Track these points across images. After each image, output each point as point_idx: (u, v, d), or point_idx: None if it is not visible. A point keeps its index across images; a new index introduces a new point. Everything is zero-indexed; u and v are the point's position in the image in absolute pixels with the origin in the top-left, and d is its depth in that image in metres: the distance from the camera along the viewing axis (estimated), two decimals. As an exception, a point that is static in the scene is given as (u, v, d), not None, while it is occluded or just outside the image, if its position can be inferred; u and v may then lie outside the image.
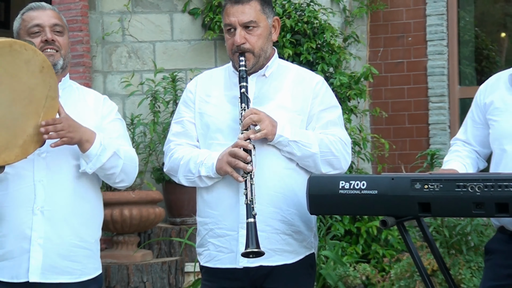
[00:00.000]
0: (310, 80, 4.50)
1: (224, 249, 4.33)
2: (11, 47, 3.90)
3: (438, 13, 9.70)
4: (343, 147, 4.38)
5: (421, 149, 9.19)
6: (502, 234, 4.49)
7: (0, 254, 4.21)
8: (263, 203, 4.22)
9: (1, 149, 3.91)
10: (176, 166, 4.44)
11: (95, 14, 8.89)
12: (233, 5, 4.35)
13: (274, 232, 4.29)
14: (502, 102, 4.48)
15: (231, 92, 4.43)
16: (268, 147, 4.29)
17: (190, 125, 4.51)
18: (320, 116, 4.41)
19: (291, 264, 4.35)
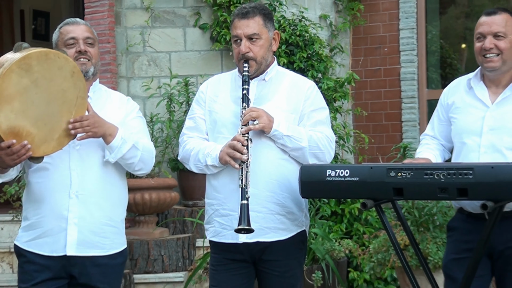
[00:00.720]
0: (303, 85, 4.53)
1: (227, 226, 4.36)
2: (47, 56, 3.94)
3: (409, 27, 9.70)
4: (328, 143, 4.42)
5: (395, 142, 9.17)
6: (461, 214, 4.51)
7: (40, 232, 4.22)
8: (260, 188, 4.26)
9: (40, 142, 3.93)
10: (188, 156, 4.48)
11: (120, 28, 8.90)
12: (240, 20, 4.38)
13: (269, 213, 4.31)
14: (461, 103, 4.51)
15: (236, 93, 4.44)
16: (265, 140, 4.31)
17: (201, 121, 4.54)
18: (310, 115, 4.44)
19: (284, 240, 4.37)
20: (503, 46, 4.28)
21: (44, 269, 4.20)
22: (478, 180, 3.67)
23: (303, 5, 9.20)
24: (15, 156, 3.87)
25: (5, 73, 3.77)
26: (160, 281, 7.48)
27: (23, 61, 3.84)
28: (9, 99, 3.80)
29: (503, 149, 4.29)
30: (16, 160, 3.91)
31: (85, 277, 4.24)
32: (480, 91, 4.46)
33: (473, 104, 4.46)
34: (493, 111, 4.38)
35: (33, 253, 4.24)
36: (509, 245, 4.32)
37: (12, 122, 3.82)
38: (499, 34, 4.29)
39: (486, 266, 4.40)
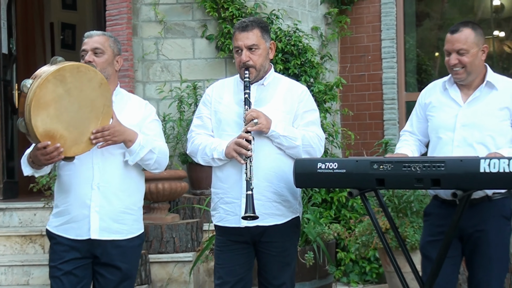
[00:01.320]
0: (297, 89, 4.56)
1: (231, 212, 4.40)
2: (78, 69, 4.00)
3: (389, 38, 9.68)
4: (319, 142, 4.46)
5: (377, 139, 9.17)
6: (436, 201, 4.55)
7: (68, 218, 4.26)
8: (260, 179, 4.28)
9: (72, 144, 3.98)
10: (196, 150, 4.50)
11: (137, 39, 8.89)
12: (240, 32, 4.42)
13: (267, 201, 4.34)
14: (437, 102, 4.56)
15: (238, 96, 4.47)
16: (264, 139, 4.34)
17: (207, 120, 4.56)
18: (303, 116, 4.48)
19: (280, 224, 4.41)
20: (466, 61, 4.34)
21: (71, 249, 4.23)
22: (449, 172, 3.70)
23: (297, 18, 9.21)
24: (49, 157, 3.93)
25: (42, 83, 3.83)
26: (172, 260, 7.49)
27: (58, 73, 3.90)
28: (46, 105, 3.85)
29: (474, 143, 4.35)
30: (49, 160, 3.97)
31: (106, 257, 4.26)
32: (453, 92, 4.50)
33: (447, 104, 4.51)
34: (465, 110, 4.43)
35: (62, 237, 4.27)
36: (477, 228, 4.36)
37: (48, 126, 3.87)
38: (461, 51, 4.33)
39: (458, 248, 4.44)
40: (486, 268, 4.37)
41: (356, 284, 8.13)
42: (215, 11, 8.66)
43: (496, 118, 4.38)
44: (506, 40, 10.14)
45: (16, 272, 7.64)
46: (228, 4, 8.56)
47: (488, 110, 4.39)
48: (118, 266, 4.28)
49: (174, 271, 7.47)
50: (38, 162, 4.05)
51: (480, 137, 4.35)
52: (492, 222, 4.36)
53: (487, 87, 4.44)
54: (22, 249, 8.09)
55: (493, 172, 3.61)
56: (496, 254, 4.37)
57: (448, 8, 10.59)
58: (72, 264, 4.23)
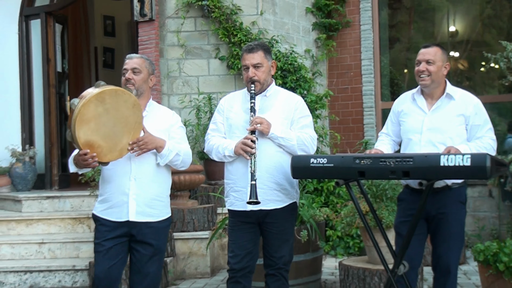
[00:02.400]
0: (293, 99, 4.58)
1: (239, 198, 4.43)
2: (116, 92, 4.01)
3: (368, 58, 9.69)
4: (312, 141, 4.48)
5: (359, 139, 9.20)
6: (407, 189, 4.57)
7: (110, 204, 4.27)
8: (263, 172, 4.31)
9: (107, 152, 4.02)
10: (211, 149, 4.55)
11: (163, 60, 8.89)
12: (247, 53, 4.45)
13: (269, 189, 4.37)
14: (408, 110, 4.59)
15: (245, 105, 4.49)
16: (266, 139, 4.37)
17: (221, 125, 4.59)
18: (299, 121, 4.49)
19: (280, 208, 4.43)
20: (432, 69, 4.41)
21: (112, 229, 4.24)
22: (416, 165, 3.69)
23: (293, 42, 9.21)
24: (86, 163, 3.99)
25: (86, 103, 3.88)
26: (192, 237, 7.48)
27: (99, 95, 3.93)
28: (88, 121, 3.90)
29: (436, 143, 4.38)
30: (86, 165, 4.05)
31: (141, 235, 4.26)
32: (420, 102, 4.55)
33: (416, 111, 4.55)
34: (430, 116, 4.47)
35: (105, 219, 4.28)
36: (439, 211, 4.39)
37: (88, 137, 3.93)
38: (430, 61, 4.41)
39: (424, 227, 4.48)
40: (446, 243, 4.41)
41: (341, 256, 8.11)
42: (226, 37, 8.66)
43: (454, 123, 4.41)
44: (459, 59, 10.16)
45: (68, 247, 7.66)
46: (237, 31, 8.57)
47: (447, 117, 4.43)
48: (151, 243, 4.28)
49: (194, 246, 7.46)
50: (79, 164, 4.10)
51: (442, 138, 4.38)
52: (451, 206, 4.40)
53: (447, 98, 4.48)
54: (73, 229, 8.10)
55: (451, 166, 3.60)
56: (454, 232, 4.42)
57: (414, 34, 10.59)
58: (113, 241, 4.23)
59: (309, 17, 9.82)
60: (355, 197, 4.33)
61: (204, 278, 7.37)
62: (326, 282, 6.82)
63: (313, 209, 6.65)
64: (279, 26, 9.16)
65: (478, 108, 4.45)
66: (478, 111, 4.44)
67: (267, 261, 4.52)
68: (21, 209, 8.59)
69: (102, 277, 4.21)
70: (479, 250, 5.41)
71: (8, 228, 8.18)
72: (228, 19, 8.65)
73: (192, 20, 8.89)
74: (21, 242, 7.74)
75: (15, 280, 7.23)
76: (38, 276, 7.21)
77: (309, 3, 9.85)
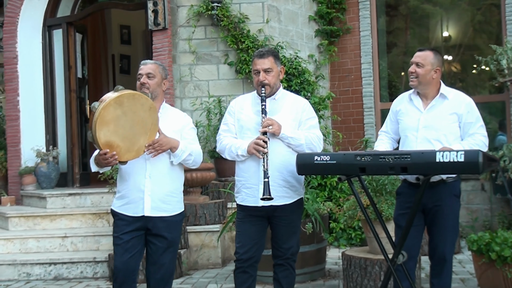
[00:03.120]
0: (300, 102, 4.56)
1: (250, 195, 4.39)
2: (134, 96, 4.01)
3: (367, 62, 9.68)
4: (318, 140, 4.46)
5: (359, 137, 9.16)
6: (405, 183, 4.56)
7: (127, 200, 4.26)
8: (273, 170, 4.26)
9: (125, 152, 4.01)
10: (224, 149, 4.51)
11: (175, 65, 8.89)
12: (258, 59, 4.43)
13: (278, 186, 4.33)
14: (405, 109, 4.58)
15: (255, 107, 4.47)
16: (277, 140, 4.34)
17: (232, 126, 4.55)
18: (306, 122, 4.47)
19: (288, 203, 4.40)
20: (420, 72, 4.43)
21: (129, 223, 4.23)
22: (413, 162, 3.67)
23: (297, 48, 9.18)
24: (107, 161, 3.99)
25: (106, 106, 3.88)
26: (204, 230, 7.47)
27: (118, 99, 3.93)
28: (107, 123, 3.90)
29: (432, 140, 4.38)
30: (107, 164, 4.04)
31: (156, 229, 4.25)
32: (416, 102, 4.54)
33: (412, 110, 4.54)
34: (425, 115, 4.47)
35: (122, 214, 4.27)
36: (435, 204, 4.40)
37: (108, 138, 3.93)
38: (419, 63, 4.43)
39: (421, 219, 4.48)
40: (442, 233, 4.42)
41: (344, 246, 8.09)
42: (235, 44, 8.65)
43: (448, 121, 4.41)
44: (453, 62, 10.15)
45: (89, 240, 7.67)
46: (244, 38, 8.56)
47: (441, 115, 4.42)
48: (165, 236, 4.27)
49: (206, 239, 7.45)
50: (100, 163, 4.10)
51: (436, 135, 4.38)
52: (446, 199, 4.40)
53: (441, 97, 4.48)
54: (93, 224, 8.11)
55: (445, 161, 3.58)
56: (449, 223, 4.42)
57: (410, 39, 10.58)
58: (130, 235, 4.22)
59: (311, 25, 9.80)
60: (357, 191, 4.31)
61: (215, 268, 7.36)
62: (330, 271, 6.80)
63: (317, 203, 6.64)
64: (284, 33, 9.14)
65: (470, 107, 4.45)
66: (470, 110, 4.43)
67: (276, 252, 4.50)
68: (45, 206, 8.61)
69: (121, 268, 4.21)
70: (472, 240, 5.41)
71: (34, 223, 8.21)
72: (236, 27, 8.64)
73: (203, 29, 8.89)
74: (46, 236, 7.77)
75: (40, 271, 7.24)
76: (62, 267, 7.22)
77: (312, 11, 9.83)
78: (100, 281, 6.99)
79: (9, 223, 8.25)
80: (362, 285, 5.58)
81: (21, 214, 8.30)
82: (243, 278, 4.46)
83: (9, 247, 7.73)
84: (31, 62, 9.81)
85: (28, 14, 9.77)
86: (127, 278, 4.23)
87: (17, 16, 9.66)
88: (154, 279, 4.33)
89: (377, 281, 5.47)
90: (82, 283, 6.92)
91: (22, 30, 9.72)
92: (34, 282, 7.12)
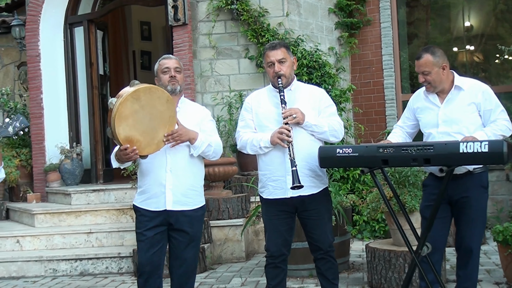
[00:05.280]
0: (317, 90, 4.55)
1: (278, 187, 4.35)
2: (150, 89, 4.00)
3: (388, 53, 9.64)
4: (340, 126, 4.42)
5: (381, 129, 9.13)
6: (431, 176, 4.52)
7: (148, 195, 4.27)
8: (298, 160, 4.21)
9: (145, 146, 4.01)
10: (245, 144, 4.46)
11: (196, 60, 8.89)
12: (271, 51, 4.41)
13: (305, 176, 4.28)
14: (423, 106, 4.53)
15: (273, 100, 4.43)
16: (300, 130, 4.32)
17: (250, 121, 4.51)
18: (325, 110, 4.44)
19: (316, 193, 4.37)
20: (429, 79, 4.37)
21: (152, 219, 4.24)
22: (437, 153, 3.65)
23: (317, 41, 9.15)
24: (128, 156, 4.00)
25: (123, 101, 3.90)
26: (227, 224, 7.48)
27: (134, 93, 3.94)
28: (126, 118, 3.91)
29: (453, 133, 4.32)
30: (128, 158, 4.05)
31: (178, 223, 4.26)
32: (432, 97, 4.49)
33: (429, 107, 4.50)
34: (443, 109, 4.42)
35: (144, 209, 4.28)
36: (462, 195, 4.35)
37: (127, 133, 3.93)
38: (424, 72, 4.37)
39: (448, 210, 4.45)
40: (469, 225, 4.38)
41: (368, 239, 8.06)
42: (255, 38, 8.63)
43: (467, 112, 4.36)
44: (475, 52, 10.05)
45: (114, 236, 7.72)
46: (264, 32, 8.54)
47: (459, 107, 4.37)
48: (187, 231, 4.27)
49: (229, 233, 7.46)
50: (121, 159, 4.11)
51: (458, 128, 4.32)
52: (473, 190, 4.35)
53: (456, 89, 4.42)
54: (117, 219, 8.16)
55: (469, 152, 3.56)
56: (476, 215, 4.38)
57: (431, 29, 10.49)
58: (153, 230, 4.23)
59: (331, 17, 9.75)
60: (380, 183, 4.27)
61: (239, 262, 7.37)
62: (354, 264, 6.77)
63: (340, 196, 6.61)
64: (304, 26, 9.10)
65: (487, 94, 4.39)
66: (487, 97, 4.38)
67: (313, 247, 4.47)
68: (70, 202, 8.68)
69: (146, 263, 4.22)
70: (498, 231, 5.38)
71: (60, 220, 8.28)
72: (256, 21, 8.62)
73: (222, 23, 8.88)
74: (71, 232, 7.83)
75: (66, 267, 7.30)
76: (87, 263, 7.28)
77: (332, 4, 9.78)
78: (125, 276, 7.04)
79: (35, 220, 8.32)
80: (386, 278, 5.55)
81: (47, 210, 8.37)
82: (274, 273, 4.46)
83: (35, 243, 7.80)
84: (53, 60, 9.87)
85: (50, 12, 9.83)
86: (152, 273, 4.24)
87: (38, 14, 9.73)
88: (177, 273, 4.34)
89: (402, 273, 5.43)
90: (108, 279, 6.97)
91: (44, 28, 9.79)
92: (61, 278, 7.18)
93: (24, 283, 7.02)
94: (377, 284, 5.66)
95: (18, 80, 11.25)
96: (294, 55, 4.96)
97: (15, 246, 7.81)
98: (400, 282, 5.41)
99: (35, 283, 7.01)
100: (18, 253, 7.62)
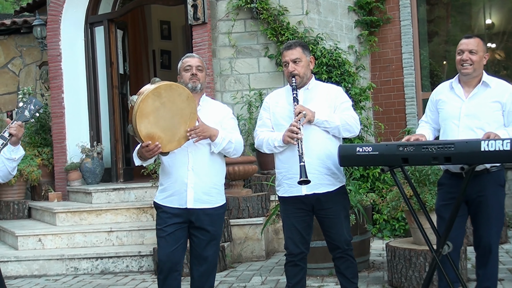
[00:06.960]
0: (333, 89, 4.56)
1: (293, 185, 4.35)
2: (171, 87, 4.03)
3: (408, 52, 9.63)
4: (354, 120, 4.40)
5: (401, 128, 9.13)
6: (447, 174, 4.51)
7: (170, 193, 4.29)
8: (313, 158, 4.26)
9: (167, 143, 4.04)
10: (261, 143, 4.51)
11: (215, 59, 8.93)
12: (287, 50, 4.45)
13: (320, 174, 4.31)
14: (446, 98, 4.53)
15: (290, 99, 4.45)
16: (313, 127, 4.33)
17: (267, 120, 4.55)
18: (341, 106, 4.44)
19: (331, 191, 4.38)
20: (474, 59, 4.36)
21: (173, 216, 4.26)
22: (457, 151, 3.63)
23: (337, 39, 9.14)
24: (151, 152, 4.02)
25: (144, 98, 3.92)
26: (247, 223, 7.51)
27: (155, 91, 3.97)
28: (147, 115, 3.93)
29: (474, 128, 4.32)
30: (151, 154, 4.06)
31: (199, 222, 4.27)
32: (458, 90, 4.49)
33: (453, 99, 4.49)
34: (467, 103, 4.42)
35: (166, 206, 4.30)
36: (479, 194, 4.33)
37: (149, 130, 3.96)
38: (472, 51, 4.36)
39: (464, 209, 4.42)
40: (487, 224, 4.36)
41: (388, 238, 8.03)
42: (274, 37, 8.66)
43: (491, 109, 4.35)
44: (496, 50, 10.00)
45: (134, 234, 7.77)
46: (284, 31, 8.56)
47: (484, 103, 4.37)
48: (208, 229, 4.29)
49: (249, 231, 7.48)
50: (143, 156, 4.13)
51: (480, 123, 4.32)
52: (491, 189, 4.34)
53: (483, 85, 4.43)
54: (137, 218, 8.21)
55: (491, 150, 3.54)
56: (494, 213, 4.36)
57: (451, 27, 10.45)
58: (173, 227, 4.25)
59: (351, 15, 9.74)
60: (400, 182, 4.27)
61: (259, 261, 7.38)
62: (374, 263, 6.76)
63: (360, 194, 6.61)
64: (323, 25, 9.10)
65: None
66: None
67: (332, 246, 4.48)
68: (91, 201, 8.75)
69: (165, 260, 4.24)
70: (519, 230, 5.33)
71: (81, 219, 8.35)
72: (275, 19, 8.64)
73: (242, 22, 8.90)
74: (92, 231, 7.89)
75: (87, 266, 7.36)
76: (108, 261, 7.33)
77: (351, 2, 9.78)
78: (146, 274, 7.08)
79: (57, 218, 8.40)
80: (407, 277, 5.55)
81: (68, 209, 8.45)
82: (294, 271, 4.48)
83: (57, 242, 7.88)
84: (74, 59, 9.96)
85: (71, 12, 9.91)
86: (171, 270, 4.25)
87: (59, 14, 9.81)
88: (197, 272, 4.36)
89: (422, 272, 5.42)
90: (128, 277, 7.02)
91: (65, 28, 9.87)
92: (82, 276, 7.24)
93: (46, 282, 7.09)
94: (397, 283, 5.65)
95: (40, 79, 11.37)
96: (313, 53, 4.97)
97: (37, 244, 7.89)
98: (420, 281, 5.40)
99: (57, 281, 7.08)
100: (40, 252, 7.69)
